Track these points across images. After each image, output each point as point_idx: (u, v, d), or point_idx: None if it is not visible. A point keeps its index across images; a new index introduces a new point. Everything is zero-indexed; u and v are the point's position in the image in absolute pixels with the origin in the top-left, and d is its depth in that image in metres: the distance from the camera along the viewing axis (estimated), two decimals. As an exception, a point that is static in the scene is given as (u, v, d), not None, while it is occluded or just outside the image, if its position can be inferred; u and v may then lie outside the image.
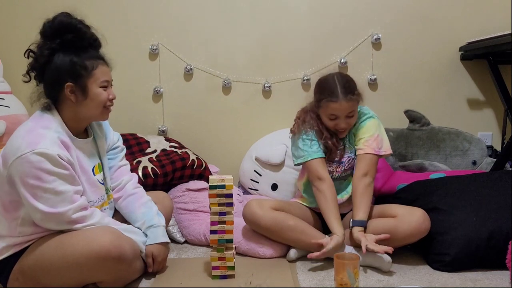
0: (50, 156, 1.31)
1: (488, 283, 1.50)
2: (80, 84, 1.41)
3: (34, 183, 1.30)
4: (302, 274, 1.59)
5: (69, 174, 1.37)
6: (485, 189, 1.78)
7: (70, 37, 1.40)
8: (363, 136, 1.79)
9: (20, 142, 1.33)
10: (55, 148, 1.34)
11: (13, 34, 2.39)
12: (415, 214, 1.64)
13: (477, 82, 2.48)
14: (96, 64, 1.44)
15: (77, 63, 1.41)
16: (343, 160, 1.84)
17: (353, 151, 1.84)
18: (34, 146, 1.31)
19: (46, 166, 1.31)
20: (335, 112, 1.73)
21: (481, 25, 2.38)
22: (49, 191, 1.32)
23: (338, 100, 1.71)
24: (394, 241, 1.62)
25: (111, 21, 2.39)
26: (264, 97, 2.48)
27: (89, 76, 1.42)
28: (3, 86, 2.22)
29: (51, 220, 1.35)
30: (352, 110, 1.74)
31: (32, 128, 1.38)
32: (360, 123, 1.82)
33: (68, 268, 1.34)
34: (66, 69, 1.40)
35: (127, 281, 1.49)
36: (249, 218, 1.74)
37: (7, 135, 2.08)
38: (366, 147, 1.77)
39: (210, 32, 2.43)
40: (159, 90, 2.43)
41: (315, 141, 1.80)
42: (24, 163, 1.30)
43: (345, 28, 2.43)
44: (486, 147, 2.31)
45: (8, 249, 1.39)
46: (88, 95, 1.43)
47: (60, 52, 1.41)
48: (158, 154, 2.12)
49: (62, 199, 1.34)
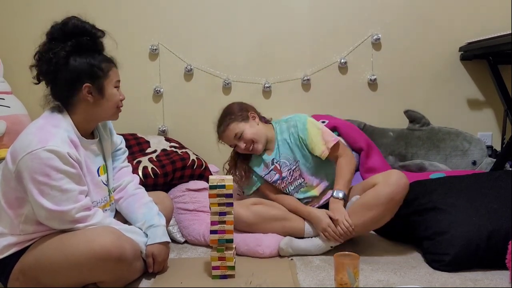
0: (60, 153, 1.33)
1: (488, 283, 1.50)
2: (97, 85, 1.45)
3: (42, 180, 1.31)
4: (302, 274, 1.59)
5: (76, 173, 1.38)
6: (485, 189, 1.78)
7: (86, 40, 1.44)
8: (313, 139, 1.84)
9: (31, 138, 1.35)
10: (65, 146, 1.36)
11: (13, 34, 2.39)
12: (393, 176, 1.70)
13: (477, 82, 2.48)
14: (110, 66, 1.49)
15: (95, 65, 1.44)
16: (284, 175, 1.89)
17: (291, 162, 1.88)
18: (45, 143, 1.32)
19: (55, 163, 1.32)
20: (226, 142, 1.88)
21: (481, 25, 2.39)
22: (55, 188, 1.33)
23: (221, 130, 1.86)
24: (380, 205, 1.67)
25: (111, 21, 2.38)
26: (264, 97, 2.48)
27: (105, 77, 1.46)
28: (3, 86, 2.23)
29: (55, 218, 1.36)
30: (236, 133, 1.83)
31: (43, 126, 1.40)
32: (300, 131, 1.86)
33: (68, 268, 1.35)
34: (84, 70, 1.43)
35: (127, 281, 1.49)
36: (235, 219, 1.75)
37: (7, 135, 2.08)
38: (325, 147, 1.83)
39: (210, 32, 2.43)
40: (159, 90, 2.43)
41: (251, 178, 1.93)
42: (34, 159, 1.31)
43: (345, 28, 2.44)
44: (486, 147, 2.31)
45: (9, 248, 1.39)
46: (105, 96, 1.47)
47: (75, 54, 1.43)
48: (158, 154, 2.12)
49: (67, 197, 1.35)
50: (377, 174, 1.82)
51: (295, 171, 1.89)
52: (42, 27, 1.39)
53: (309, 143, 1.85)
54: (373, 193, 1.69)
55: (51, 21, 1.45)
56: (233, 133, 1.84)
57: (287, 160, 1.89)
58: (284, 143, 1.89)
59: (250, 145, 1.84)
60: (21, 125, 2.14)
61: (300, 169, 1.89)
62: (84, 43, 1.44)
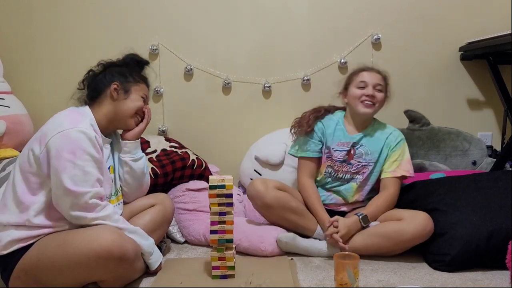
0: (89, 135, 1.43)
1: (488, 283, 1.51)
2: (125, 86, 1.62)
3: (68, 157, 1.38)
4: (302, 274, 1.59)
5: (99, 159, 1.46)
6: (485, 189, 1.78)
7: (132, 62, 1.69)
8: (398, 158, 1.85)
9: (62, 120, 1.45)
10: (92, 132, 1.46)
11: (13, 34, 2.39)
12: (419, 217, 1.67)
13: (477, 82, 2.48)
14: (141, 80, 1.68)
15: (130, 73, 1.65)
16: (352, 162, 1.86)
17: (368, 159, 1.87)
18: (76, 124, 1.43)
19: (83, 144, 1.41)
20: (365, 79, 1.86)
21: (481, 25, 2.39)
22: (78, 167, 1.39)
23: (369, 69, 1.89)
24: (400, 242, 1.67)
25: (111, 21, 2.39)
26: (264, 97, 2.48)
27: (134, 84, 1.64)
28: (3, 86, 2.22)
29: (69, 198, 1.38)
30: (380, 84, 1.86)
31: (71, 113, 1.51)
32: (396, 144, 1.87)
33: (69, 267, 1.35)
34: (119, 72, 1.63)
35: (128, 281, 1.50)
36: (253, 194, 1.80)
37: (7, 135, 2.08)
38: (394, 169, 1.84)
39: (210, 32, 2.43)
40: (159, 90, 2.43)
41: (311, 141, 1.91)
42: (64, 138, 1.39)
43: (345, 28, 2.43)
44: (486, 147, 2.32)
45: (13, 244, 1.40)
46: (129, 97, 1.62)
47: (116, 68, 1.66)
48: (158, 154, 2.12)
49: (86, 179, 1.40)
50: (403, 209, 1.78)
51: (365, 167, 1.87)
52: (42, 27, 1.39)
53: (391, 156, 1.86)
54: (397, 227, 1.67)
55: (51, 22, 1.46)
56: (378, 80, 1.86)
57: (366, 154, 1.86)
58: (377, 141, 1.88)
59: (374, 98, 1.84)
60: (21, 125, 2.14)
61: (370, 170, 1.87)
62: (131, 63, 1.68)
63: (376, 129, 1.91)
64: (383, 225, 1.70)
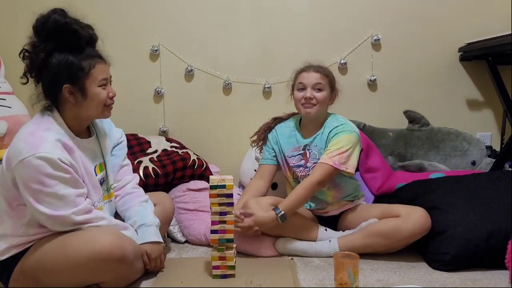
0: (51, 160, 1.30)
1: (488, 282, 1.51)
2: (78, 85, 1.40)
3: (36, 188, 1.30)
4: (302, 274, 1.60)
5: (71, 178, 1.36)
6: (484, 189, 1.79)
7: (66, 39, 1.38)
8: (331, 147, 1.78)
9: (22, 145, 1.33)
10: (57, 151, 1.33)
11: (14, 34, 2.39)
12: (417, 213, 1.67)
13: (476, 83, 2.48)
14: (93, 64, 1.41)
15: (74, 64, 1.38)
16: (308, 165, 1.86)
17: (319, 157, 1.82)
18: (35, 150, 1.30)
19: (47, 170, 1.30)
20: (303, 81, 1.82)
21: (480, 26, 2.39)
22: (51, 195, 1.32)
23: (308, 69, 1.84)
24: (399, 240, 1.67)
25: (112, 21, 2.40)
26: (265, 98, 2.49)
27: (87, 77, 1.40)
28: (4, 86, 2.23)
29: (56, 222, 1.36)
30: (320, 83, 1.80)
31: (34, 131, 1.37)
32: (334, 135, 1.80)
33: (69, 269, 1.35)
34: (63, 71, 1.38)
35: (129, 282, 1.49)
36: None
37: (8, 135, 2.08)
38: (327, 158, 1.75)
39: (211, 33, 2.43)
40: (160, 91, 2.44)
41: (265, 149, 1.97)
42: (26, 168, 1.30)
43: (345, 29, 2.44)
44: (485, 148, 2.32)
45: (11, 250, 1.40)
46: (88, 96, 1.42)
47: (56, 52, 1.38)
48: (159, 154, 2.13)
49: (64, 203, 1.34)
50: (401, 205, 1.76)
51: None
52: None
53: (328, 146, 1.79)
54: (395, 225, 1.66)
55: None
56: (316, 80, 1.81)
57: (318, 153, 1.84)
58: (323, 136, 1.84)
59: (313, 100, 1.80)
60: (22, 126, 2.14)
61: None
62: (66, 40, 1.38)
63: (329, 125, 1.84)
64: (381, 224, 1.70)
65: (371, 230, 1.69)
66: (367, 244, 1.69)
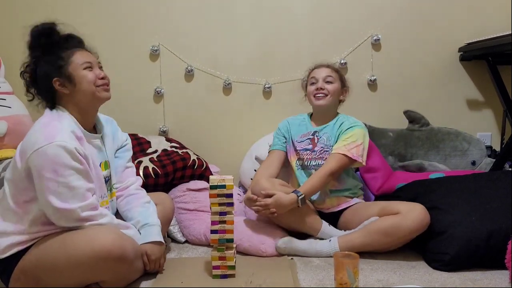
0: (68, 149, 1.33)
1: (488, 282, 1.51)
2: (64, 75, 1.45)
3: (50, 176, 1.32)
4: (302, 274, 1.60)
5: (84, 169, 1.39)
6: (484, 189, 1.79)
7: (44, 41, 1.45)
8: (346, 139, 1.87)
9: (37, 136, 1.35)
10: (72, 141, 1.36)
11: (14, 34, 2.38)
12: (416, 210, 1.68)
13: (476, 83, 2.48)
14: (71, 52, 1.48)
15: (53, 57, 1.45)
16: (316, 149, 1.93)
17: (329, 144, 1.92)
18: (52, 139, 1.33)
19: (63, 159, 1.32)
20: (315, 75, 1.97)
21: (480, 26, 2.39)
22: (63, 184, 1.33)
23: (318, 66, 2.00)
24: (398, 238, 1.68)
25: (112, 22, 2.40)
26: (265, 98, 2.49)
27: (68, 64, 1.46)
28: (4, 86, 2.23)
29: (61, 216, 1.36)
30: (331, 76, 1.95)
31: (48, 122, 1.41)
32: (348, 127, 1.90)
33: (69, 268, 1.35)
34: (48, 68, 1.45)
35: (129, 281, 1.50)
36: (258, 192, 1.77)
37: (8, 135, 2.08)
38: (345, 149, 1.84)
39: (211, 33, 2.44)
40: (160, 91, 2.44)
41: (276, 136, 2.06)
42: (42, 156, 1.32)
43: (345, 29, 2.44)
44: (485, 148, 2.32)
45: (12, 248, 1.40)
46: (76, 81, 1.46)
47: (41, 59, 1.47)
48: (159, 154, 2.13)
49: (74, 194, 1.35)
50: (400, 202, 1.78)
51: (325, 153, 1.92)
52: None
53: (341, 137, 1.89)
54: (394, 223, 1.67)
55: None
56: (327, 73, 1.95)
57: (326, 139, 1.93)
58: (333, 128, 1.94)
59: (324, 90, 1.93)
60: (22, 126, 2.14)
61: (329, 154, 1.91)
62: (44, 43, 1.46)
63: (342, 119, 1.97)
64: (380, 221, 1.70)
65: (371, 228, 1.70)
66: (367, 242, 1.69)
